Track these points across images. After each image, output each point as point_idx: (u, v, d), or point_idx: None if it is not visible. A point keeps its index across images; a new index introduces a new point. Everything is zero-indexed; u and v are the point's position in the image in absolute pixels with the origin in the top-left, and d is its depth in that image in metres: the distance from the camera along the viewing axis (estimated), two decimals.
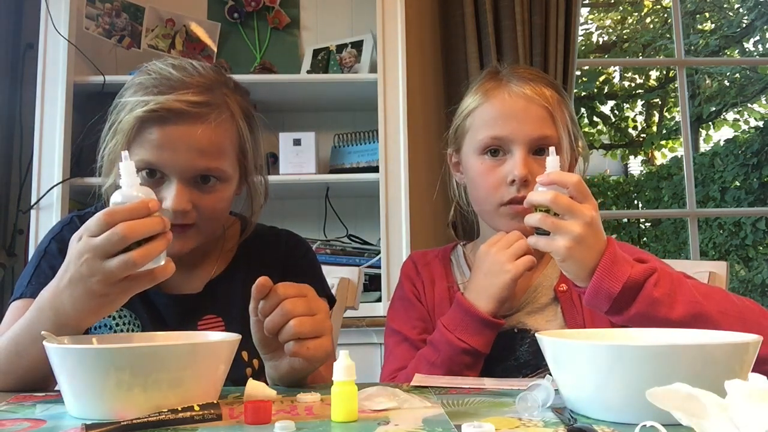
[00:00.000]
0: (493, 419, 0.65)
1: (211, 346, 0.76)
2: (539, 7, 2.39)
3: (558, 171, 0.89)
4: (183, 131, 0.98)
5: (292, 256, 1.16)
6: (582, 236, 0.85)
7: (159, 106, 0.97)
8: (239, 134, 1.05)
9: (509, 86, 1.08)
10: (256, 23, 2.45)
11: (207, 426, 0.65)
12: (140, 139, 0.98)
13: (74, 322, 0.83)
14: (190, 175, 0.99)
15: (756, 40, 7.93)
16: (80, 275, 0.80)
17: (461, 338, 0.97)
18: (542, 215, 0.87)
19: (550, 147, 0.94)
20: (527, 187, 1.03)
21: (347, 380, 0.66)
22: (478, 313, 0.98)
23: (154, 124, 0.98)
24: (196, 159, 0.98)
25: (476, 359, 0.99)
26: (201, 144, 0.98)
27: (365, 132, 2.26)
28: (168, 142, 0.97)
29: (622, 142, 8.75)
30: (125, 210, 0.78)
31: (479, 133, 1.09)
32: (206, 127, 0.99)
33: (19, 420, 0.69)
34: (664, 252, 7.28)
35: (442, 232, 2.33)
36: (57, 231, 1.12)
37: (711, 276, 1.23)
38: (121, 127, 1.00)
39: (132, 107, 0.98)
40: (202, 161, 0.99)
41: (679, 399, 0.49)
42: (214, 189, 1.02)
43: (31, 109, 2.08)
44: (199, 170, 0.99)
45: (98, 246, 0.78)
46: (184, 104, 0.97)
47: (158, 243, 0.79)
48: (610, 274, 0.86)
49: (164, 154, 0.98)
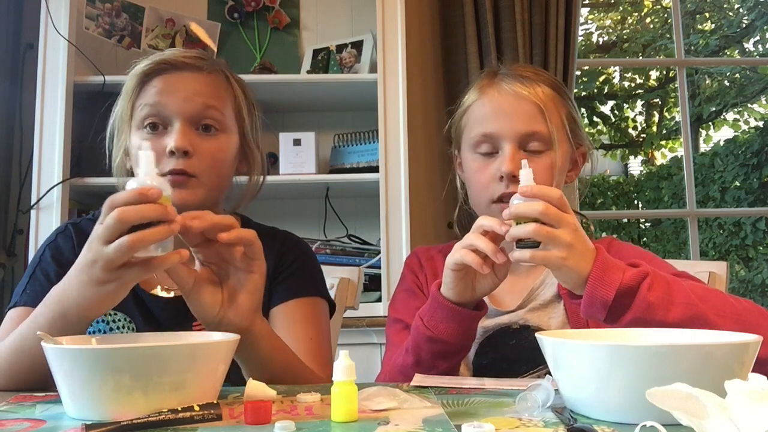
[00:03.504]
0: (493, 419, 0.65)
1: (211, 346, 0.76)
2: (539, 7, 2.39)
3: (541, 185, 0.88)
4: (182, 77, 1.06)
5: (286, 255, 1.16)
6: (573, 244, 0.85)
7: (160, 58, 1.06)
8: (235, 98, 1.11)
9: (501, 84, 1.10)
10: (256, 23, 2.45)
11: (207, 426, 0.65)
12: (143, 94, 1.06)
13: (77, 312, 0.84)
14: (191, 113, 1.04)
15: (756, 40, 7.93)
16: (86, 261, 0.81)
17: (428, 325, 0.95)
18: (537, 225, 0.85)
19: (523, 160, 0.92)
20: (516, 184, 1.03)
21: (347, 380, 0.66)
22: (438, 298, 0.95)
23: (155, 76, 1.06)
24: (195, 98, 1.05)
25: (445, 348, 0.96)
26: (199, 87, 1.06)
27: (365, 132, 2.26)
28: (168, 86, 1.05)
29: (622, 142, 8.75)
30: (123, 196, 0.80)
31: (472, 131, 1.11)
32: (205, 75, 1.07)
33: (19, 420, 0.69)
34: (664, 252, 7.28)
35: (442, 232, 2.33)
36: (51, 239, 1.13)
37: (711, 276, 1.23)
38: (125, 89, 1.07)
39: (133, 73, 1.07)
40: (201, 100, 1.05)
41: (679, 399, 0.49)
42: (215, 137, 1.06)
43: (31, 109, 2.08)
44: (198, 108, 1.04)
45: (99, 231, 0.80)
46: (183, 57, 1.07)
47: (156, 230, 0.79)
48: (602, 282, 0.85)
49: (165, 97, 1.04)
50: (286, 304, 1.11)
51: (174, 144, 1.02)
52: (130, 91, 1.06)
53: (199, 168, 1.04)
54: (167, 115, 1.04)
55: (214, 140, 1.06)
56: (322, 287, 1.18)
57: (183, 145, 1.02)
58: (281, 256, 1.15)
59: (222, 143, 1.07)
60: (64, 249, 1.10)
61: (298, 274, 1.14)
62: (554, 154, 1.07)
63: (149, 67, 1.06)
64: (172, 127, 1.04)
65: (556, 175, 1.08)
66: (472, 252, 0.90)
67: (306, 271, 1.16)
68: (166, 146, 1.02)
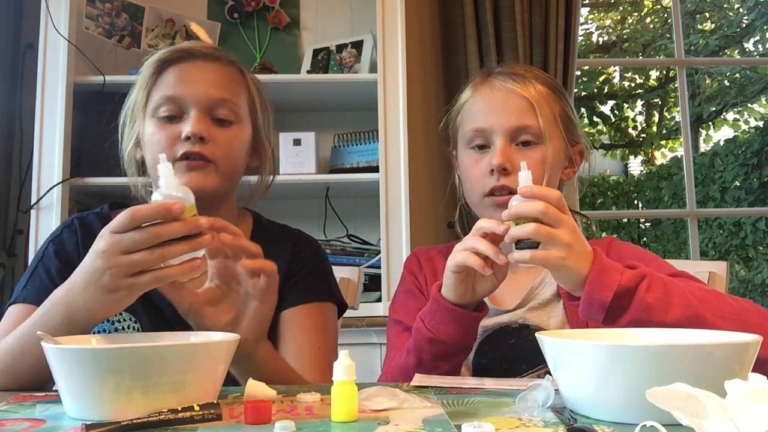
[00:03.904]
0: (493, 419, 0.65)
1: (211, 346, 0.76)
2: (539, 7, 2.39)
3: (540, 186, 0.88)
4: (198, 66, 1.07)
5: (299, 256, 1.15)
6: (572, 244, 0.85)
7: (177, 47, 1.08)
8: (249, 91, 1.13)
9: (493, 82, 1.12)
10: (256, 23, 2.45)
11: (207, 426, 0.65)
12: (159, 82, 1.07)
13: (85, 317, 0.84)
14: (206, 103, 1.05)
15: (756, 40, 7.93)
16: (95, 269, 0.81)
17: (429, 327, 0.96)
18: (537, 225, 0.85)
19: (522, 162, 0.92)
20: (507, 177, 1.05)
21: (347, 380, 0.66)
22: (439, 300, 0.96)
23: (171, 65, 1.07)
24: (211, 88, 1.06)
25: (446, 350, 0.96)
26: (215, 77, 1.07)
27: (365, 132, 2.26)
28: (184, 76, 1.06)
29: (622, 142, 8.75)
30: (147, 211, 0.80)
31: (465, 127, 1.13)
32: (220, 65, 1.09)
33: (19, 420, 0.69)
34: (664, 252, 7.27)
35: (442, 232, 2.33)
36: (56, 234, 1.12)
37: (711, 276, 1.23)
38: (141, 77, 1.08)
39: (149, 62, 1.08)
40: (217, 91, 1.06)
41: (679, 399, 0.49)
42: (230, 127, 1.07)
43: (31, 109, 2.08)
44: (214, 99, 1.05)
45: (120, 242, 0.79)
46: (200, 48, 1.09)
47: (178, 246, 0.80)
48: (600, 284, 0.85)
49: (181, 87, 1.05)
50: (296, 309, 1.10)
51: (191, 129, 1.02)
52: (147, 79, 1.07)
53: (215, 154, 1.04)
54: (184, 104, 1.05)
55: (229, 130, 1.07)
56: (335, 290, 1.18)
57: (199, 130, 1.02)
58: (295, 256, 1.15)
59: (236, 133, 1.08)
60: (67, 244, 1.09)
61: (311, 276, 1.14)
62: (545, 149, 1.07)
63: (167, 55, 1.07)
64: (188, 115, 1.04)
65: (548, 170, 1.08)
66: (474, 254, 0.91)
67: (319, 273, 1.16)
68: (182, 131, 1.02)
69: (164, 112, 1.05)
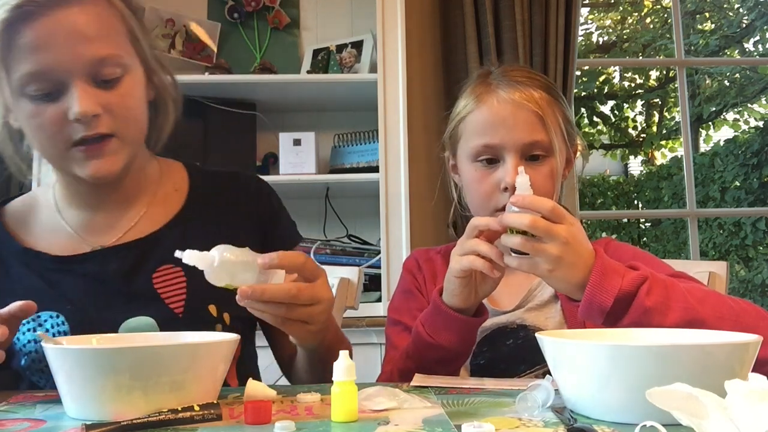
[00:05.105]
0: (493, 419, 0.65)
1: (211, 346, 0.76)
2: (539, 7, 2.39)
3: (532, 195, 0.88)
4: (56, 20, 0.85)
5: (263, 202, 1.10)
6: (561, 257, 0.85)
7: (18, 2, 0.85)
8: (123, 17, 0.93)
9: (498, 92, 1.08)
10: (256, 23, 2.45)
11: (207, 426, 0.65)
12: (14, 49, 0.86)
13: None
14: (83, 67, 0.87)
15: (756, 40, 7.93)
16: None
17: (429, 332, 0.96)
18: (523, 239, 0.85)
19: (519, 167, 0.92)
20: None
21: (347, 380, 0.66)
22: (441, 306, 0.96)
23: (22, 23, 0.85)
24: (82, 46, 0.87)
25: (446, 355, 0.96)
26: (81, 27, 0.87)
27: (365, 132, 2.26)
28: (44, 37, 0.85)
29: (622, 142, 8.75)
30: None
31: (471, 141, 1.09)
32: (81, 9, 0.87)
33: (19, 420, 0.69)
34: (664, 252, 7.28)
35: (442, 232, 2.33)
36: None
37: (711, 276, 1.23)
38: None
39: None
40: (91, 47, 0.87)
41: (679, 399, 0.49)
42: (119, 84, 0.91)
43: None
44: (92, 59, 0.87)
45: None
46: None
47: None
48: (601, 289, 0.85)
49: (45, 54, 0.85)
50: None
51: (78, 109, 0.86)
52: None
53: (114, 124, 0.90)
54: (55, 76, 0.87)
55: (119, 89, 0.90)
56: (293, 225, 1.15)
57: (89, 108, 0.87)
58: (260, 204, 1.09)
59: (128, 87, 0.92)
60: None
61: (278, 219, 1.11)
62: (554, 161, 1.07)
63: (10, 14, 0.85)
64: (67, 89, 0.87)
65: (558, 181, 1.08)
66: (479, 257, 0.91)
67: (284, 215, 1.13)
68: (67, 111, 0.87)
69: (36, 92, 0.87)
